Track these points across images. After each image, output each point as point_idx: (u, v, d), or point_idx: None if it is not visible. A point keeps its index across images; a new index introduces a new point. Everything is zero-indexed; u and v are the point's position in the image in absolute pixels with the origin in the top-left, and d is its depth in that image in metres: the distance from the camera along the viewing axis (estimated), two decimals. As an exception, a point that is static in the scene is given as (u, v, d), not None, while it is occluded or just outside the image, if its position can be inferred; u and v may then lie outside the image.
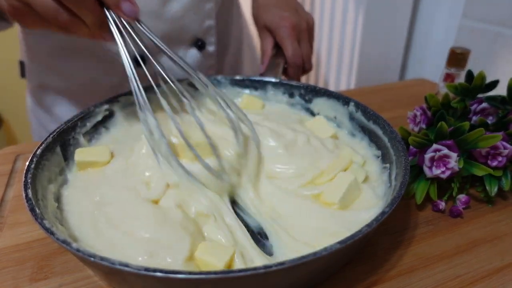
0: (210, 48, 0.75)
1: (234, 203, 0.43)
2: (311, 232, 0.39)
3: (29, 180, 0.38)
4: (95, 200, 0.41)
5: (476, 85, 0.54)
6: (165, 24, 0.68)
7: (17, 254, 0.42)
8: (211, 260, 0.34)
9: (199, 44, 0.73)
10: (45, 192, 0.40)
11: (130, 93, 0.55)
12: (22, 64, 0.75)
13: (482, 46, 0.88)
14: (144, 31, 0.44)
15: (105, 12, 0.42)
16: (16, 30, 0.63)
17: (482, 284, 0.38)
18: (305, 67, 0.68)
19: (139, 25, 0.44)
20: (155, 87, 0.44)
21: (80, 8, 0.40)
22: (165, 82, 0.45)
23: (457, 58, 0.65)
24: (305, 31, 0.67)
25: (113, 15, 0.43)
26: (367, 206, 0.41)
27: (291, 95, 0.59)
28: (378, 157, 0.48)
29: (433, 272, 0.39)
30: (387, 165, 0.46)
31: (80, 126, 0.50)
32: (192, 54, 0.73)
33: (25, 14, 0.41)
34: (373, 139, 0.50)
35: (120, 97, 0.54)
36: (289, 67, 0.65)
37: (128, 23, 0.43)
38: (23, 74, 0.76)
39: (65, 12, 0.40)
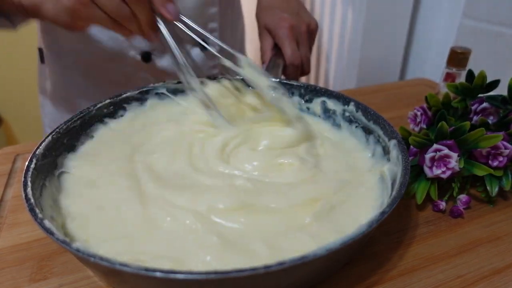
0: (213, 49, 0.76)
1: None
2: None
3: (28, 180, 0.38)
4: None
5: (477, 85, 0.54)
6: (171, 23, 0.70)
7: (17, 254, 0.42)
8: None
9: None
10: (44, 192, 0.40)
11: (130, 98, 0.55)
12: (41, 50, 0.79)
13: (482, 46, 0.88)
14: (185, 27, 0.51)
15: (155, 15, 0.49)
16: (15, 31, 0.63)
17: (483, 284, 0.38)
18: (303, 69, 0.68)
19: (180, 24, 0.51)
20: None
21: (137, 5, 0.46)
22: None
23: (457, 57, 0.64)
24: (304, 33, 0.68)
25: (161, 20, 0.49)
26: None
27: (291, 95, 0.59)
28: (379, 157, 0.48)
29: (433, 272, 0.39)
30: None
31: (79, 126, 0.50)
32: (195, 53, 0.76)
33: (87, 8, 0.45)
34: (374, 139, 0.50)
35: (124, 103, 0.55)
36: (288, 68, 0.66)
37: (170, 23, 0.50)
38: (42, 60, 0.80)
39: (126, 6, 0.46)
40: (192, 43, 0.75)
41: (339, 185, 0.44)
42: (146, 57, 0.73)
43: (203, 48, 0.75)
